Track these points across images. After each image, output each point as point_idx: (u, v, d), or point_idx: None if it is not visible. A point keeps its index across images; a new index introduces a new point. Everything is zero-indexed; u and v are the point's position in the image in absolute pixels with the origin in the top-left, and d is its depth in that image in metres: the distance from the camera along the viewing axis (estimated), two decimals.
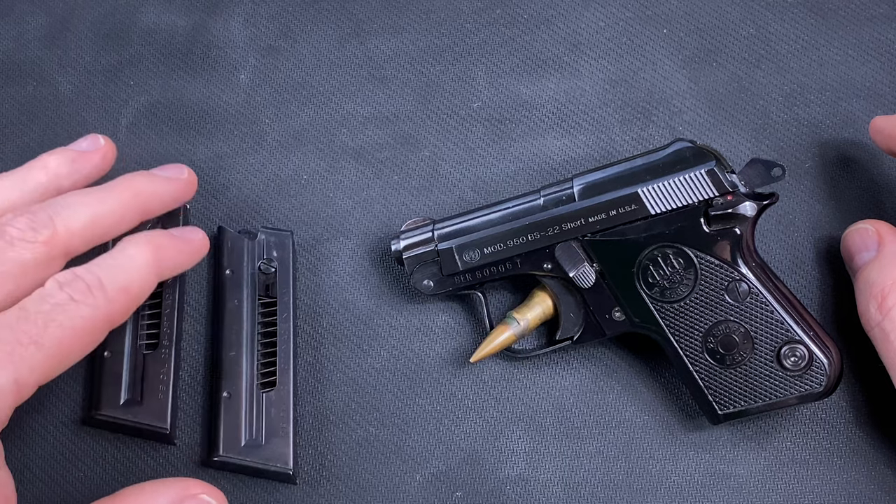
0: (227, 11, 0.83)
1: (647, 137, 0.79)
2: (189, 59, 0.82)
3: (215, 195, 0.79)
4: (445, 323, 0.76)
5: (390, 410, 0.74)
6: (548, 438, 0.73)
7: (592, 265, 0.71)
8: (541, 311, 0.73)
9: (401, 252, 0.73)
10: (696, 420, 0.73)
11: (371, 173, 0.79)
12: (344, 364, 0.75)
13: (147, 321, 0.74)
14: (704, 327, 0.69)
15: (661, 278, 0.70)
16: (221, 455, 0.71)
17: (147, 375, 0.72)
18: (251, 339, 0.74)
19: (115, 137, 0.80)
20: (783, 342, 0.68)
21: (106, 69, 0.82)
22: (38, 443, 0.73)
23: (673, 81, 0.80)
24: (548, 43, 0.82)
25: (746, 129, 0.78)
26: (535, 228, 0.71)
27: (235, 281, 0.75)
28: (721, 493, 0.72)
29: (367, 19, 0.83)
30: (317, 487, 0.73)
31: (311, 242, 0.78)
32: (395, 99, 0.81)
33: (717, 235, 0.69)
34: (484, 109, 0.80)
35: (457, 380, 0.75)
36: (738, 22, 0.81)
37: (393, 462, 0.73)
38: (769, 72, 0.80)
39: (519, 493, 0.72)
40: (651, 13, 0.82)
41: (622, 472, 0.72)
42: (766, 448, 0.72)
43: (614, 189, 0.70)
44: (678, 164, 0.69)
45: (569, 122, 0.80)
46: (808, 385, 0.68)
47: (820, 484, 0.72)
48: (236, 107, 0.81)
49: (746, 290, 0.69)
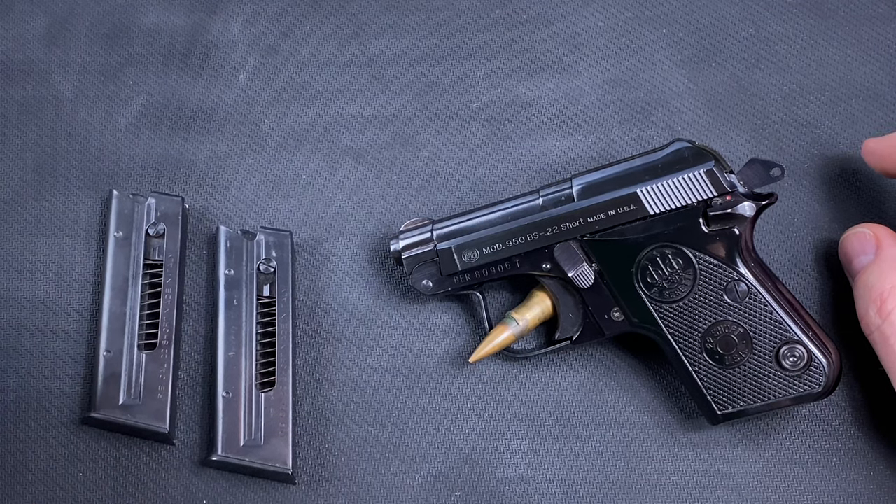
0: (226, 11, 0.83)
1: (646, 137, 0.79)
2: (188, 59, 0.82)
3: (214, 195, 0.79)
4: (444, 323, 0.76)
5: (389, 410, 0.74)
6: (547, 438, 0.73)
7: (591, 265, 0.71)
8: (540, 311, 0.73)
9: (400, 252, 0.73)
10: (694, 420, 0.73)
11: (370, 173, 0.79)
12: (343, 364, 0.75)
13: (146, 321, 0.74)
14: (703, 327, 0.69)
15: (659, 278, 0.70)
16: (220, 455, 0.71)
17: (146, 375, 0.73)
18: (250, 339, 0.74)
19: (115, 137, 0.80)
20: (782, 342, 0.68)
21: (105, 69, 0.82)
22: (38, 443, 0.73)
23: (672, 81, 0.80)
24: (547, 43, 0.82)
25: (745, 129, 0.78)
26: (534, 228, 0.71)
27: (234, 281, 0.75)
28: (720, 493, 0.72)
29: (366, 19, 0.83)
30: (316, 487, 0.73)
31: (310, 242, 0.78)
32: (394, 99, 0.81)
33: (715, 235, 0.69)
34: (483, 109, 0.80)
35: (456, 380, 0.75)
36: (737, 22, 0.81)
37: (392, 462, 0.73)
38: (768, 72, 0.80)
39: (518, 493, 0.72)
40: (650, 13, 0.82)
41: (621, 472, 0.72)
42: (764, 448, 0.72)
43: (613, 189, 0.70)
44: (677, 165, 0.69)
45: (568, 122, 0.80)
46: (806, 385, 0.68)
47: (819, 484, 0.72)
48: (235, 107, 0.81)
49: (745, 290, 0.69)
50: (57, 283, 0.77)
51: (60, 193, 0.79)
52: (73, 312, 0.76)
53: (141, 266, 0.75)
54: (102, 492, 0.73)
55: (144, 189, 0.79)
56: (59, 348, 0.75)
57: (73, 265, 0.77)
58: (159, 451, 0.73)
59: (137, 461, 0.73)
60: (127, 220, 0.76)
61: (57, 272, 0.77)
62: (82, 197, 0.79)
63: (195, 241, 0.78)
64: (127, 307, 0.74)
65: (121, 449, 0.73)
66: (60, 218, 0.78)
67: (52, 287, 0.77)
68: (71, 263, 0.77)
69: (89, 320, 0.76)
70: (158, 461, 0.73)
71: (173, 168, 0.80)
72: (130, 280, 0.75)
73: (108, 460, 0.73)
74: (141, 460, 0.73)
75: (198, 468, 0.73)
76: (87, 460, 0.73)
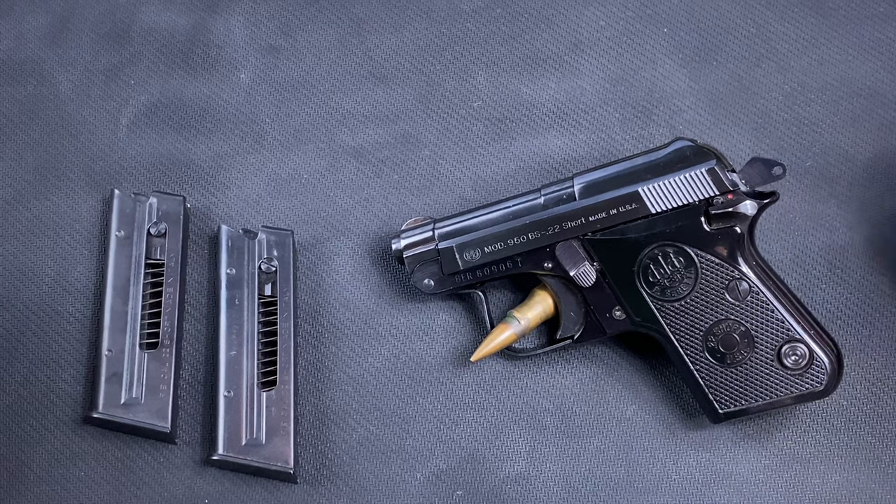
0: (227, 10, 0.83)
1: (648, 136, 0.79)
2: (189, 59, 0.82)
3: (216, 194, 0.79)
4: (446, 322, 0.76)
5: (391, 409, 0.74)
6: (548, 437, 0.73)
7: (593, 264, 0.71)
8: (541, 310, 0.73)
9: (401, 251, 0.73)
10: (696, 419, 0.73)
11: (371, 172, 0.79)
12: (344, 363, 0.75)
13: (148, 320, 0.74)
14: (705, 326, 0.69)
15: (661, 277, 0.70)
16: (222, 454, 0.71)
17: (148, 375, 0.73)
18: (252, 338, 0.74)
19: (116, 137, 0.80)
20: (784, 341, 0.68)
21: (106, 68, 0.82)
22: (38, 443, 0.73)
23: (673, 80, 0.80)
24: (548, 42, 0.82)
25: (747, 127, 0.78)
26: (535, 227, 0.71)
27: (236, 280, 0.75)
28: (721, 491, 0.72)
29: (367, 18, 0.83)
30: (317, 487, 0.73)
31: (312, 242, 0.78)
32: (395, 98, 0.81)
33: (717, 234, 0.69)
34: (484, 108, 0.80)
35: (457, 379, 0.75)
36: (738, 21, 0.81)
37: (394, 461, 0.73)
38: (770, 71, 0.80)
39: (519, 492, 0.72)
40: (651, 12, 0.82)
41: (623, 471, 0.72)
42: (766, 447, 0.72)
43: (615, 188, 0.70)
44: (679, 163, 0.69)
45: (569, 121, 0.80)
46: (808, 384, 0.68)
47: (820, 483, 0.72)
48: (237, 106, 0.81)
49: (747, 288, 0.69)
50: (58, 282, 0.77)
51: (62, 193, 0.79)
52: (75, 312, 0.76)
53: (142, 265, 0.75)
54: (104, 491, 0.73)
55: (146, 188, 0.79)
56: (61, 347, 0.75)
57: (75, 264, 0.77)
58: (161, 451, 0.73)
59: (139, 460, 0.73)
60: (128, 219, 0.76)
61: (58, 271, 0.77)
62: (84, 196, 0.79)
63: (197, 240, 0.78)
64: (128, 306, 0.74)
65: (122, 448, 0.73)
66: (62, 217, 0.78)
67: (54, 286, 0.77)
68: (72, 263, 0.77)
69: (91, 319, 0.76)
70: (160, 460, 0.73)
71: (175, 167, 0.80)
72: (132, 279, 0.75)
73: (110, 459, 0.73)
74: (143, 459, 0.73)
75: (199, 467, 0.73)
76: (88, 459, 0.73)
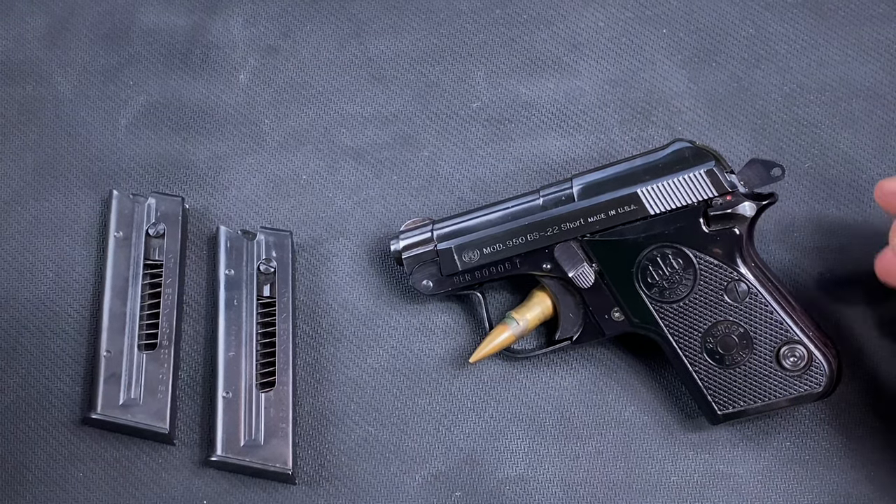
0: (226, 11, 0.83)
1: (647, 137, 0.79)
2: (188, 59, 0.82)
3: (214, 195, 0.79)
4: (445, 323, 0.76)
5: (389, 411, 0.74)
6: (547, 439, 0.73)
7: (592, 265, 0.71)
8: (540, 311, 0.73)
9: (400, 252, 0.73)
10: (695, 420, 0.73)
11: (370, 173, 0.79)
12: (343, 364, 0.75)
13: (146, 321, 0.74)
14: (703, 327, 0.69)
15: (660, 278, 0.69)
16: (220, 455, 0.71)
17: (146, 375, 0.73)
18: (250, 339, 0.74)
19: (114, 137, 0.80)
20: (782, 342, 0.68)
21: (105, 69, 0.82)
22: (38, 443, 0.73)
23: (672, 81, 0.80)
24: (547, 43, 0.81)
25: (746, 129, 0.78)
26: (534, 228, 0.71)
27: (234, 281, 0.75)
28: (720, 493, 0.72)
29: (366, 19, 0.83)
30: (316, 488, 0.73)
31: (311, 242, 0.78)
32: (394, 99, 0.81)
33: (716, 235, 0.69)
34: (483, 109, 0.80)
35: (456, 380, 0.75)
36: (737, 22, 0.81)
37: (392, 462, 0.73)
38: (769, 72, 0.80)
39: (518, 494, 0.72)
40: (650, 13, 0.82)
41: (621, 473, 0.72)
42: (765, 448, 0.72)
43: (613, 189, 0.70)
44: (677, 165, 0.69)
45: (568, 122, 0.80)
46: (807, 385, 0.68)
47: (819, 484, 0.71)
48: (235, 107, 0.81)
49: (746, 290, 0.69)
50: (57, 283, 0.77)
51: (60, 193, 0.79)
52: (74, 312, 0.76)
53: (141, 266, 0.75)
54: (102, 492, 0.73)
55: (144, 189, 0.79)
56: (60, 348, 0.75)
57: (74, 265, 0.77)
58: (159, 452, 0.73)
59: (137, 461, 0.73)
60: (127, 220, 0.76)
61: (57, 272, 0.77)
62: (82, 197, 0.79)
63: (195, 241, 0.78)
64: (127, 307, 0.74)
65: (121, 449, 0.73)
66: (60, 218, 0.78)
67: (53, 287, 0.77)
68: (71, 263, 0.77)
69: (89, 320, 0.76)
70: (158, 461, 0.73)
71: (173, 168, 0.80)
72: (130, 280, 0.75)
73: (109, 460, 0.73)
74: (141, 460, 0.73)
75: (198, 468, 0.73)
76: (87, 460, 0.73)
